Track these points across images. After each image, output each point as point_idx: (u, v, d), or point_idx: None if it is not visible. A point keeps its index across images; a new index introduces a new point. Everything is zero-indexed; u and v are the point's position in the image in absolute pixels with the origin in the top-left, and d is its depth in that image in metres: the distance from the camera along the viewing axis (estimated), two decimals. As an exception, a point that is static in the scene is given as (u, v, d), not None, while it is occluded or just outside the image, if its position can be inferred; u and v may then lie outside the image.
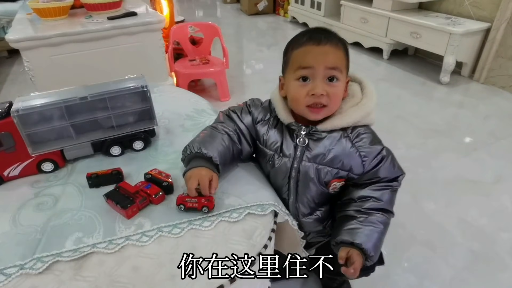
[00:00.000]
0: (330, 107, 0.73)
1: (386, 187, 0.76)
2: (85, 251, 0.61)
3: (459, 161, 1.69)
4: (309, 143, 0.75)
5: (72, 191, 0.76)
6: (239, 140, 0.80)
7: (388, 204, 0.76)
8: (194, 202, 0.68)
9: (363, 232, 0.72)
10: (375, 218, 0.74)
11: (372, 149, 0.75)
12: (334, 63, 0.70)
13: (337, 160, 0.74)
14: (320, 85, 0.70)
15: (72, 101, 0.78)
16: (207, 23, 2.37)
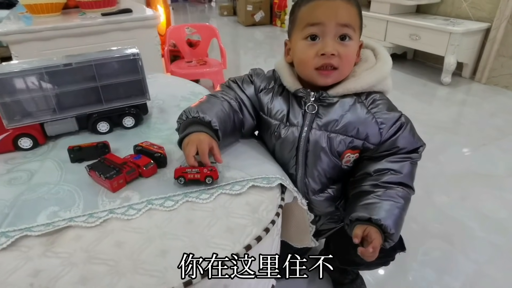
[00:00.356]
0: (341, 70, 0.66)
1: (405, 159, 0.68)
2: (60, 225, 0.52)
3: (468, 156, 1.61)
4: (319, 110, 0.67)
5: (50, 166, 0.67)
6: (241, 109, 0.72)
7: (408, 177, 0.68)
8: (196, 173, 0.59)
9: (382, 207, 0.63)
10: (394, 192, 0.65)
11: (389, 116, 0.67)
12: (347, 20, 0.63)
13: (351, 127, 0.66)
14: (330, 44, 0.63)
15: (55, 67, 0.70)
16: (204, 24, 2.34)
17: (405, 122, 0.68)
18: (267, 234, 0.55)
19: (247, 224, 0.54)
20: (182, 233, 0.52)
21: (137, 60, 0.75)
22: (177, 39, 2.29)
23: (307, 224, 0.72)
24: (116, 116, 0.78)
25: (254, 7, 4.61)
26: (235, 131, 0.71)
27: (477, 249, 1.09)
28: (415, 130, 0.70)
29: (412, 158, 0.69)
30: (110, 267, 0.47)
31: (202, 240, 0.51)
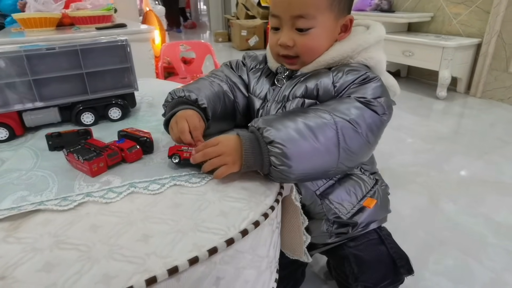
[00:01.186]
0: (304, 58, 0.62)
1: (352, 101, 0.55)
2: (27, 209, 0.45)
3: (472, 164, 1.56)
4: (286, 84, 0.63)
5: (25, 153, 0.60)
6: (233, 91, 0.68)
7: (340, 109, 0.52)
8: (192, 152, 0.53)
9: (271, 116, 0.52)
10: (306, 109, 0.54)
11: (349, 73, 0.57)
12: (300, 11, 0.58)
13: (303, 88, 0.60)
14: (286, 35, 0.60)
15: (37, 51, 0.65)
16: (199, 41, 2.35)
17: (372, 77, 0.57)
18: (265, 220, 0.48)
19: (243, 208, 0.48)
20: (168, 217, 0.45)
21: (125, 46, 0.71)
22: (171, 56, 2.28)
23: (300, 229, 0.64)
24: (101, 107, 0.73)
25: (249, 32, 4.70)
26: (226, 114, 0.66)
27: (492, 256, 1.01)
28: (386, 90, 0.59)
29: (365, 100, 0.54)
30: (82, 252, 0.39)
31: (190, 223, 0.44)
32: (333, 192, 0.69)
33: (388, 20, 2.69)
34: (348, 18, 0.62)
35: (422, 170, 1.51)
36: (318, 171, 0.51)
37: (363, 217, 0.69)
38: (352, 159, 0.52)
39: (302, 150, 0.48)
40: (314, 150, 0.48)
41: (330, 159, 0.50)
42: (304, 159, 0.48)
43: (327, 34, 0.61)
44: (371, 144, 0.54)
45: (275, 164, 0.47)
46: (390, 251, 0.69)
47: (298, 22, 0.58)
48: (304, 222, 0.61)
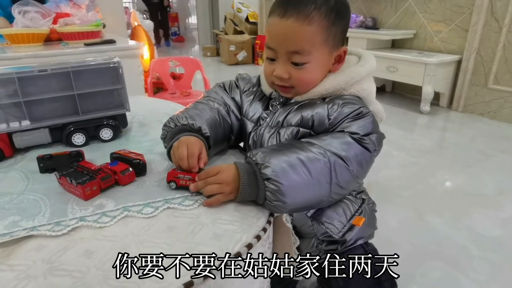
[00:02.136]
0: (298, 89, 0.64)
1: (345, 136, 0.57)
2: (19, 235, 0.45)
3: (456, 177, 1.61)
4: (281, 110, 0.65)
5: (15, 176, 0.60)
6: (228, 114, 0.69)
7: (334, 144, 0.55)
8: (188, 180, 0.55)
9: (269, 148, 0.55)
10: (301, 143, 0.55)
11: (344, 108, 0.59)
12: (296, 46, 0.59)
13: (298, 117, 0.61)
14: (281, 68, 0.61)
15: (29, 72, 0.65)
16: (188, 57, 2.37)
17: (365, 113, 0.59)
18: (258, 242, 0.49)
19: (236, 231, 0.49)
20: (162, 240, 0.45)
21: (117, 68, 0.72)
22: (160, 72, 2.29)
23: (292, 248, 0.65)
24: (92, 128, 0.73)
25: (237, 47, 4.77)
26: (224, 138, 0.68)
27: (477, 268, 1.04)
28: (377, 124, 0.61)
29: (358, 137, 0.57)
30: (75, 279, 0.39)
31: (185, 247, 0.45)
32: (323, 213, 0.70)
33: (372, 37, 2.78)
34: (342, 50, 0.64)
35: (407, 184, 1.54)
36: (310, 204, 0.55)
37: (351, 234, 0.71)
38: (342, 191, 0.56)
39: (297, 187, 0.50)
40: (308, 186, 0.51)
41: (322, 194, 0.53)
42: (298, 195, 0.51)
43: (321, 67, 0.63)
44: (359, 178, 0.58)
45: (270, 199, 0.50)
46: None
47: (293, 57, 0.60)
48: (295, 242, 0.63)
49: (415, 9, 2.76)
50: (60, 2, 2.08)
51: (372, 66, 0.66)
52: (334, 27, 0.60)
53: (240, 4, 5.08)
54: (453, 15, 2.51)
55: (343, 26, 0.63)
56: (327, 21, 0.59)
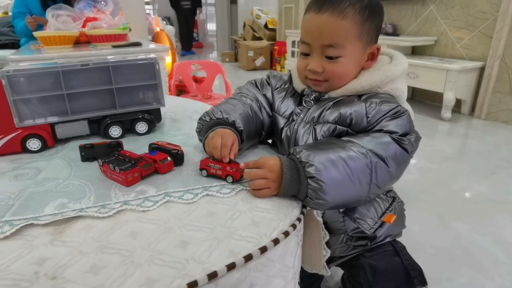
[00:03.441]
0: (331, 83, 0.65)
1: (385, 136, 0.58)
2: (69, 215, 0.47)
3: (479, 184, 1.58)
4: (315, 106, 0.66)
5: (59, 163, 0.63)
6: (260, 110, 0.71)
7: (376, 145, 0.55)
8: (218, 169, 0.57)
9: (313, 145, 0.56)
10: (344, 145, 0.55)
11: (381, 107, 0.60)
12: (331, 40, 0.61)
13: (336, 114, 0.62)
14: (316, 62, 0.63)
15: (72, 66, 0.69)
16: (210, 61, 2.41)
17: (401, 112, 0.60)
18: (294, 231, 0.50)
19: (273, 218, 0.50)
20: (203, 224, 0.47)
21: (154, 64, 0.75)
22: (183, 75, 2.34)
23: (321, 243, 0.65)
24: (128, 121, 0.76)
25: (255, 53, 4.82)
26: (256, 133, 0.70)
27: (504, 275, 1.02)
28: (413, 124, 0.62)
29: (397, 138, 0.57)
30: (124, 257, 0.41)
31: (225, 232, 0.46)
32: (356, 210, 0.71)
33: (393, 43, 2.77)
34: (376, 47, 0.65)
35: (429, 189, 1.52)
36: (348, 203, 0.57)
37: (381, 231, 0.71)
38: (378, 192, 0.58)
39: (339, 186, 0.52)
40: (349, 186, 0.53)
41: (361, 193, 0.55)
42: (339, 194, 0.52)
43: (355, 62, 0.64)
44: (396, 179, 0.59)
45: (311, 197, 0.51)
46: (404, 262, 0.70)
47: (327, 51, 0.62)
48: (325, 237, 0.63)
49: (436, 16, 2.74)
50: (84, 8, 2.16)
51: (405, 67, 0.67)
52: (368, 23, 0.62)
53: (259, 11, 5.14)
54: (476, 22, 2.48)
55: (376, 23, 0.64)
56: (361, 17, 0.61)
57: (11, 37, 2.86)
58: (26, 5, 2.27)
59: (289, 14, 4.60)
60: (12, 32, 2.81)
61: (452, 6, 2.62)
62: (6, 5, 3.37)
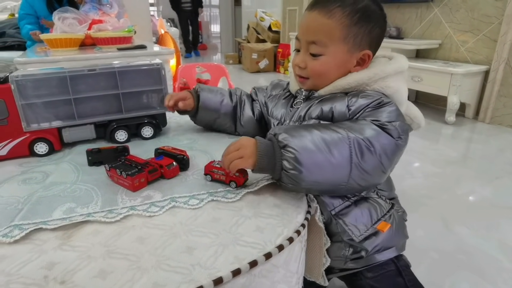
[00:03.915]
0: (313, 81, 0.67)
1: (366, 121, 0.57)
2: (77, 220, 0.48)
3: (483, 188, 1.57)
4: (302, 105, 0.68)
5: (66, 167, 0.64)
6: (240, 100, 0.80)
7: (355, 128, 0.54)
8: (222, 175, 0.57)
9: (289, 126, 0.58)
10: (322, 124, 0.57)
11: (364, 98, 0.59)
12: (314, 37, 0.63)
13: (318, 110, 0.63)
14: (300, 57, 0.67)
15: (79, 71, 0.70)
16: (214, 63, 2.42)
17: (386, 102, 0.59)
18: (298, 237, 0.51)
19: (278, 224, 0.50)
20: (209, 230, 0.48)
21: (160, 70, 0.76)
22: (187, 77, 2.36)
23: (322, 250, 0.64)
24: (134, 126, 0.77)
25: (259, 55, 4.83)
26: (219, 110, 0.79)
27: (508, 281, 1.01)
28: (402, 115, 0.61)
29: (379, 123, 0.56)
30: (131, 262, 0.42)
31: (230, 237, 0.47)
32: (348, 213, 0.68)
33: (396, 46, 2.76)
34: (366, 53, 0.64)
35: (433, 194, 1.52)
36: (328, 183, 0.53)
37: (377, 241, 0.68)
38: (364, 177, 0.54)
39: (315, 159, 0.50)
40: (326, 161, 0.51)
41: (341, 173, 0.52)
42: (316, 168, 0.51)
43: (337, 63, 0.64)
44: (385, 167, 0.56)
45: (286, 168, 0.51)
46: (407, 284, 0.68)
47: (311, 47, 0.64)
48: (326, 243, 0.63)
49: (441, 19, 2.74)
50: (90, 11, 2.18)
51: (401, 66, 0.65)
52: (356, 27, 0.62)
53: (263, 13, 5.16)
54: (481, 25, 2.47)
55: (369, 29, 0.63)
56: (349, 20, 0.61)
57: (18, 39, 2.88)
58: (32, 6, 2.29)
59: (293, 17, 4.61)
60: (18, 34, 2.84)
61: (456, 10, 2.61)
62: (12, 7, 3.41)
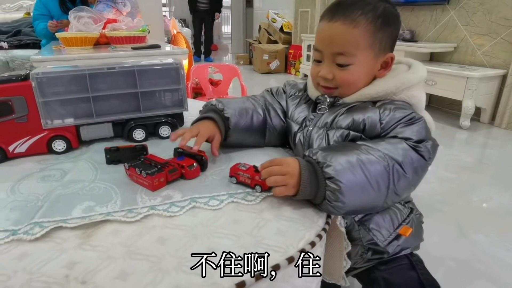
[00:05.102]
0: (342, 90, 0.66)
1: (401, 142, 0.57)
2: (97, 219, 0.48)
3: (501, 195, 1.54)
4: (328, 111, 0.66)
5: (85, 165, 0.64)
6: (266, 111, 0.73)
7: (392, 150, 0.54)
8: (247, 178, 0.56)
9: (329, 147, 0.57)
10: (361, 146, 0.54)
11: (396, 113, 0.59)
12: (341, 48, 0.61)
13: (349, 120, 0.62)
14: (326, 69, 0.64)
15: (99, 69, 0.70)
16: (226, 64, 2.42)
17: (416, 118, 0.59)
18: (320, 241, 0.50)
19: (299, 228, 0.49)
20: (230, 232, 0.47)
21: (179, 69, 0.75)
22: (200, 77, 2.36)
23: (342, 254, 0.64)
24: (152, 125, 0.76)
25: (270, 56, 4.82)
26: (251, 128, 0.71)
27: (529, 292, 0.98)
28: (429, 131, 0.61)
29: (413, 144, 0.56)
30: (152, 263, 0.41)
31: (252, 240, 0.46)
32: (371, 219, 0.69)
33: (410, 49, 2.73)
34: (389, 56, 0.65)
35: (449, 200, 1.49)
36: (365, 207, 0.55)
37: (397, 244, 0.69)
38: (396, 198, 0.56)
39: (357, 188, 0.51)
40: (367, 189, 0.51)
41: (379, 198, 0.53)
42: (357, 197, 0.51)
43: (365, 70, 0.64)
44: (414, 186, 0.58)
45: (329, 199, 0.50)
46: (420, 277, 0.68)
47: (338, 58, 0.62)
48: (347, 247, 0.62)
49: (456, 22, 2.69)
50: (104, 9, 2.20)
51: (423, 75, 0.66)
52: (381, 32, 0.62)
53: (275, 15, 5.15)
54: (498, 28, 2.42)
55: (390, 32, 0.64)
56: (373, 26, 0.61)
57: (33, 37, 2.93)
58: (46, 6, 2.32)
59: (305, 18, 4.59)
60: (33, 32, 2.88)
61: (473, 12, 2.57)
62: (28, 6, 3.46)
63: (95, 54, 1.64)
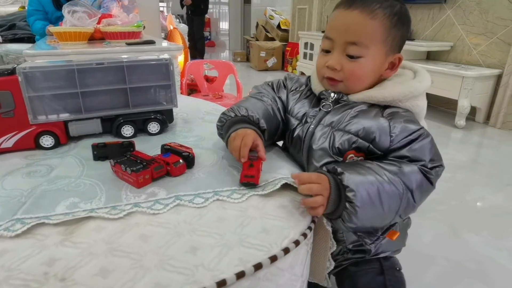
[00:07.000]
0: (347, 84, 0.64)
1: (415, 165, 0.57)
2: (80, 215, 0.47)
3: (494, 195, 1.54)
4: (333, 109, 0.65)
5: (71, 161, 0.63)
6: (278, 110, 0.71)
7: (408, 178, 0.55)
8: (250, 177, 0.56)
9: (352, 167, 0.55)
10: (383, 172, 0.54)
11: (405, 125, 0.59)
12: (356, 38, 0.60)
13: (358, 126, 0.60)
14: (335, 59, 0.62)
15: (87, 65, 0.69)
16: (222, 61, 2.41)
17: (425, 134, 0.59)
18: (304, 240, 0.50)
19: (284, 226, 0.49)
20: (213, 230, 0.47)
21: (168, 65, 0.74)
22: (195, 74, 2.35)
23: (327, 253, 0.63)
24: (141, 121, 0.76)
25: (267, 53, 4.81)
26: (274, 133, 0.70)
27: (518, 291, 0.99)
28: (437, 148, 0.61)
29: (424, 168, 0.57)
30: (134, 260, 0.41)
31: (235, 238, 0.45)
32: None
33: (407, 48, 2.72)
34: (397, 57, 0.64)
35: (442, 199, 1.49)
36: (370, 227, 0.59)
37: (378, 245, 0.69)
38: (397, 220, 0.59)
39: (371, 215, 0.53)
40: (379, 215, 0.54)
41: (386, 222, 0.58)
42: (368, 221, 0.54)
43: (374, 66, 0.63)
44: (417, 207, 0.59)
45: (344, 219, 0.51)
46: (387, 283, 0.68)
47: (350, 48, 0.61)
48: (332, 247, 0.62)
49: (453, 21, 2.70)
50: (111, 4, 2.21)
51: (428, 84, 0.66)
52: (395, 30, 0.61)
53: (272, 11, 5.13)
54: (495, 28, 2.43)
55: (402, 33, 0.63)
56: (389, 22, 0.60)
57: (28, 31, 2.90)
58: (40, 2, 2.30)
59: (302, 16, 4.58)
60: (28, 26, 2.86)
61: (470, 12, 2.57)
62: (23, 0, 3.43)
63: (89, 49, 1.63)
